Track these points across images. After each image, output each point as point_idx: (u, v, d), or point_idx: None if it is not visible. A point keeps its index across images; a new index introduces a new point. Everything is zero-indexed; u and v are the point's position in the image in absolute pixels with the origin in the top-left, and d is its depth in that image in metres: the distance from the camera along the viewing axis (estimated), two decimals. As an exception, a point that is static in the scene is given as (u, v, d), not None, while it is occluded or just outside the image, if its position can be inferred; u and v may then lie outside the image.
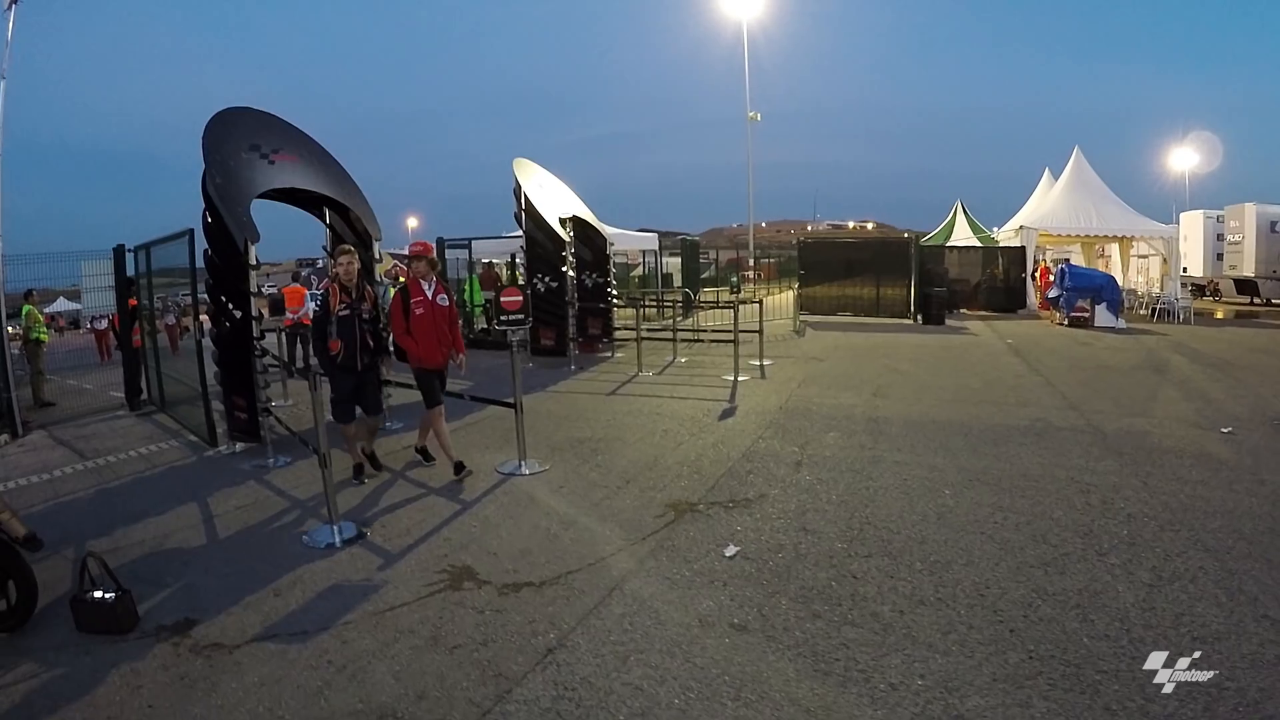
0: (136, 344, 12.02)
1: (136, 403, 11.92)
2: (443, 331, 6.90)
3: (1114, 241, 23.18)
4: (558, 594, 4.38)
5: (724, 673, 3.44)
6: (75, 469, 8.12)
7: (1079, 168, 21.86)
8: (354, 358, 6.70)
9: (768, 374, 11.58)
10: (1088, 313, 17.50)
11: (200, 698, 3.49)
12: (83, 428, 10.61)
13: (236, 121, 8.43)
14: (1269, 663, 3.34)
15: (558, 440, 7.98)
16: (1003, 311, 21.30)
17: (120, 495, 7.03)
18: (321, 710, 3.34)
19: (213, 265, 7.72)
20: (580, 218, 14.37)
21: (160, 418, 10.90)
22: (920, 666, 3.42)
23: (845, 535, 5.04)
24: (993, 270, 21.95)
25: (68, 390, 14.46)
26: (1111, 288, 17.63)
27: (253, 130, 8.44)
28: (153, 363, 11.66)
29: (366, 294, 6.84)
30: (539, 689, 3.40)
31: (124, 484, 7.44)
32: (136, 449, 8.93)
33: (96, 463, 8.37)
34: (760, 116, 36.55)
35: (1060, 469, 6.32)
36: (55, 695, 3.61)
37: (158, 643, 4.07)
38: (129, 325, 12.14)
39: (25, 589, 4.33)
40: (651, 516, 5.62)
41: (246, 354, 7.68)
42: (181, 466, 7.98)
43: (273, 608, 4.41)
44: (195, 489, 6.96)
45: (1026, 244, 21.08)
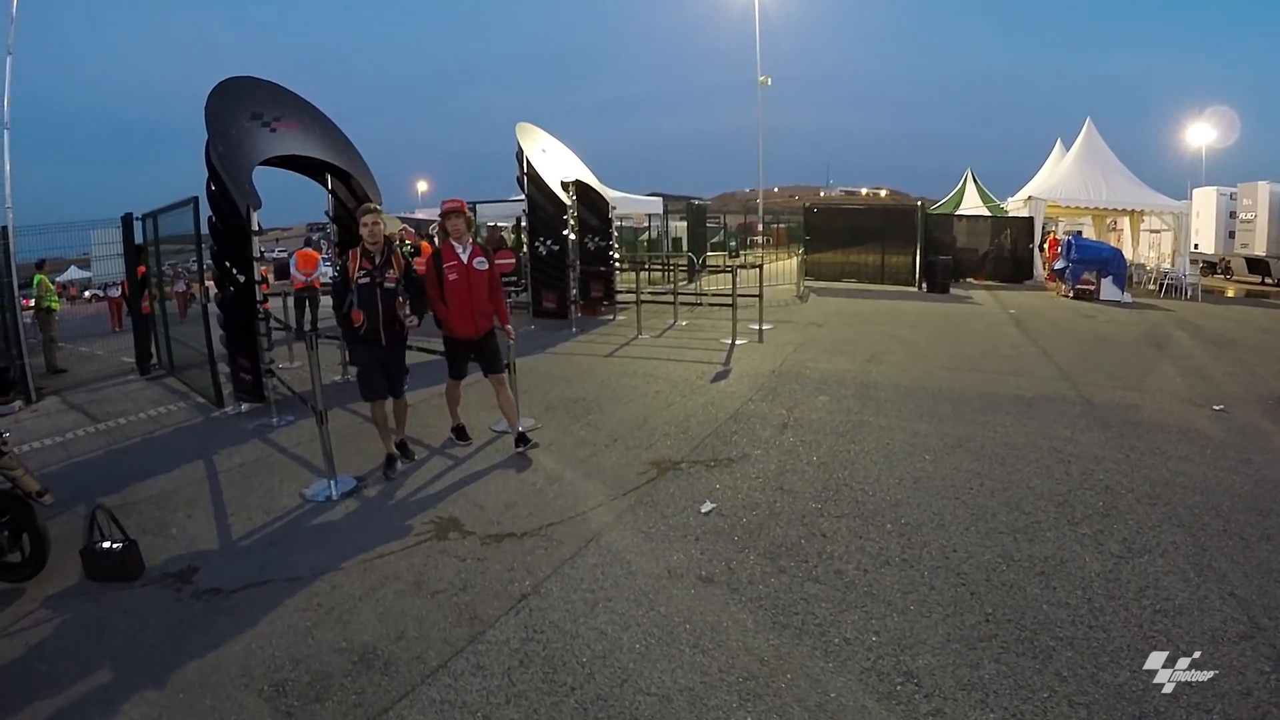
0: (146, 310, 12.26)
1: (147, 367, 12.15)
2: (479, 300, 6.30)
3: (1124, 215, 22.97)
4: (537, 544, 4.58)
5: (686, 621, 3.62)
6: (87, 431, 8.34)
7: (1090, 139, 21.63)
8: (377, 331, 5.96)
9: (766, 338, 11.67)
10: (1093, 285, 17.44)
11: (198, 637, 3.75)
12: (94, 392, 10.85)
13: (238, 91, 8.54)
14: (1229, 639, 3.36)
15: (552, 399, 8.15)
16: (1009, 282, 21.21)
17: (129, 455, 7.26)
18: (308, 648, 3.58)
19: (217, 231, 7.91)
20: (583, 181, 14.47)
21: (169, 381, 11.12)
22: (877, 624, 3.56)
23: (820, 496, 5.18)
24: (1000, 240, 21.85)
25: (80, 357, 14.77)
26: (1118, 261, 17.54)
27: (254, 99, 8.55)
28: (162, 328, 11.89)
29: (394, 260, 6.04)
30: (510, 631, 3.63)
31: (133, 444, 7.67)
32: (146, 411, 9.15)
33: (107, 425, 8.60)
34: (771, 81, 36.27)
35: (1044, 439, 6.39)
36: (65, 637, 3.87)
37: (161, 589, 4.33)
38: (138, 292, 12.36)
39: (38, 541, 4.57)
40: (634, 473, 5.79)
41: (250, 317, 7.87)
42: (188, 427, 8.20)
43: (269, 556, 4.65)
44: (201, 448, 7.18)
45: (1035, 215, 20.94)
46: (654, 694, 3.08)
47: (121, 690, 3.37)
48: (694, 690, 3.09)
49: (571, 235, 13.98)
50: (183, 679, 3.42)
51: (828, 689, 3.06)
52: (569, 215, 13.87)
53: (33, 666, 3.63)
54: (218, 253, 7.95)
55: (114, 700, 3.31)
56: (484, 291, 6.34)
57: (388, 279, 5.95)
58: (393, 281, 5.96)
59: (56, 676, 3.52)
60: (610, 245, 15.09)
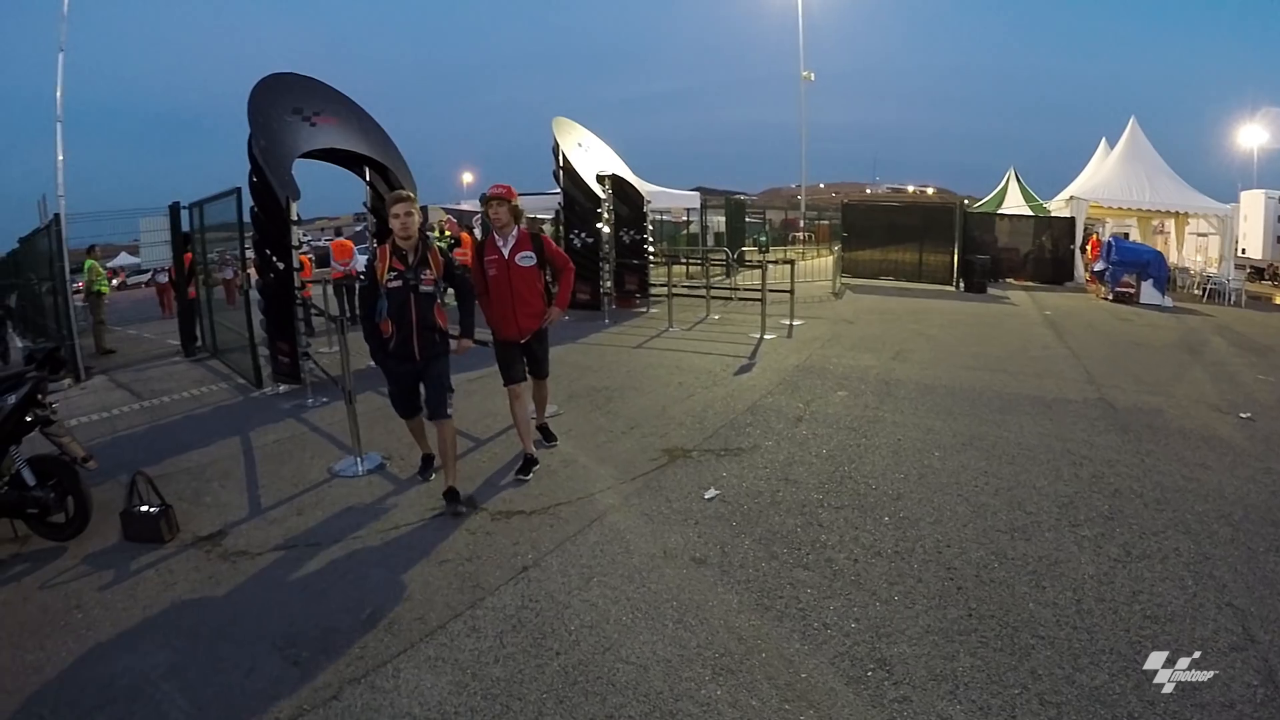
0: (191, 295, 12.76)
1: (191, 349, 12.68)
2: (523, 298, 5.59)
3: (1169, 217, 22.51)
4: (544, 522, 4.82)
5: (674, 599, 3.79)
6: (132, 408, 8.79)
7: (1134, 139, 21.21)
8: (408, 343, 5.09)
9: (795, 334, 11.73)
10: (1133, 288, 17.11)
11: (223, 592, 4.15)
12: (140, 372, 11.40)
13: (279, 86, 8.91)
14: (1219, 650, 3.31)
15: (576, 388, 8.34)
16: (1049, 283, 20.88)
17: (171, 430, 7.68)
18: (321, 606, 3.92)
19: (258, 221, 8.27)
20: (618, 176, 14.64)
21: (212, 363, 11.61)
22: (858, 611, 3.67)
23: (823, 488, 5.29)
24: (1041, 241, 21.56)
25: (127, 339, 15.49)
26: (1158, 264, 17.20)
27: (295, 94, 8.91)
28: (207, 312, 12.35)
29: (431, 259, 5.13)
30: (508, 599, 3.87)
31: (175, 421, 8.09)
32: (188, 390, 9.60)
33: (151, 402, 9.06)
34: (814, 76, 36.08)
35: (1058, 440, 6.38)
36: (103, 589, 4.26)
37: (192, 550, 4.70)
38: (185, 278, 12.86)
39: (81, 504, 4.98)
40: (646, 460, 5.97)
41: (289, 302, 8.22)
42: (228, 406, 8.62)
43: (294, 524, 5.00)
44: (239, 425, 7.58)
45: (1076, 215, 20.64)
46: (633, 663, 3.26)
47: (148, 636, 3.72)
48: (671, 662, 3.26)
49: (606, 228, 14.17)
50: (205, 629, 3.75)
51: (799, 670, 3.20)
52: (604, 209, 14.06)
53: (70, 614, 4.00)
54: (259, 241, 8.31)
55: (140, 644, 3.65)
56: (529, 289, 5.63)
57: (424, 280, 5.06)
58: (430, 284, 5.08)
59: (91, 623, 3.89)
60: (645, 239, 15.23)
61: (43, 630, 3.84)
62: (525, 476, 5.57)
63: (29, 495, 4.86)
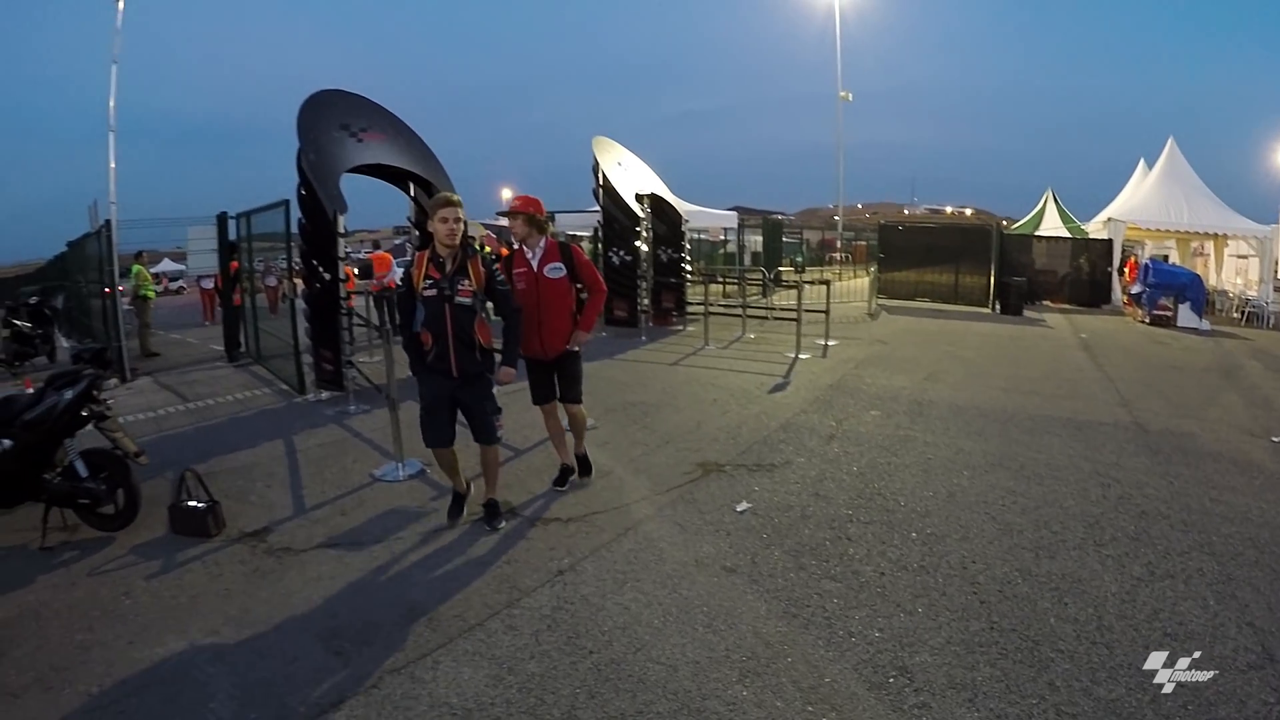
0: (237, 302, 13.14)
1: (235, 355, 13.06)
2: (549, 314, 5.30)
3: (1208, 239, 22.25)
4: (579, 529, 4.97)
5: (704, 604, 3.92)
6: (177, 409, 9.10)
7: (1172, 159, 21.06)
8: (445, 358, 4.75)
9: (829, 354, 11.81)
10: (1170, 311, 16.97)
11: (268, 585, 4.32)
12: (184, 375, 11.76)
13: (328, 103, 9.22)
14: (1239, 668, 3.35)
15: (613, 403, 8.50)
16: (1086, 306, 20.78)
17: (216, 431, 7.95)
18: (363, 601, 4.10)
19: (306, 232, 8.55)
20: (657, 194, 14.81)
21: (256, 369, 11.94)
22: (883, 621, 3.77)
23: (853, 503, 5.39)
24: (1079, 263, 21.43)
25: (171, 343, 15.89)
26: (1196, 286, 17.04)
27: (343, 111, 9.21)
28: (251, 319, 12.71)
29: (471, 269, 4.73)
30: (544, 600, 4.02)
31: (220, 422, 8.38)
32: (233, 394, 9.92)
33: (196, 404, 9.37)
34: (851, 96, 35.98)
35: (1087, 461, 6.41)
36: (151, 578, 4.47)
37: (238, 545, 4.90)
38: (230, 285, 13.25)
39: (131, 497, 5.19)
40: (680, 473, 6.10)
41: (334, 312, 8.48)
42: (272, 410, 8.89)
43: (337, 524, 5.20)
44: (282, 429, 7.82)
45: (1113, 237, 20.50)
46: (663, 663, 3.39)
47: (195, 623, 3.91)
48: (700, 663, 3.38)
49: (644, 247, 14.35)
50: (251, 618, 3.94)
51: (823, 674, 3.31)
52: (642, 227, 14.25)
53: (118, 600, 4.20)
54: (306, 252, 8.59)
55: (187, 630, 3.83)
56: (557, 304, 5.34)
57: (460, 291, 4.68)
58: (467, 295, 4.69)
59: (139, 609, 4.10)
60: (682, 257, 15.39)
61: (91, 614, 4.04)
62: (562, 487, 5.67)
63: (81, 486, 5.08)
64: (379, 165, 9.22)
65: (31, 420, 5.02)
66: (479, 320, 4.78)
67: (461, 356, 4.75)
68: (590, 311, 5.53)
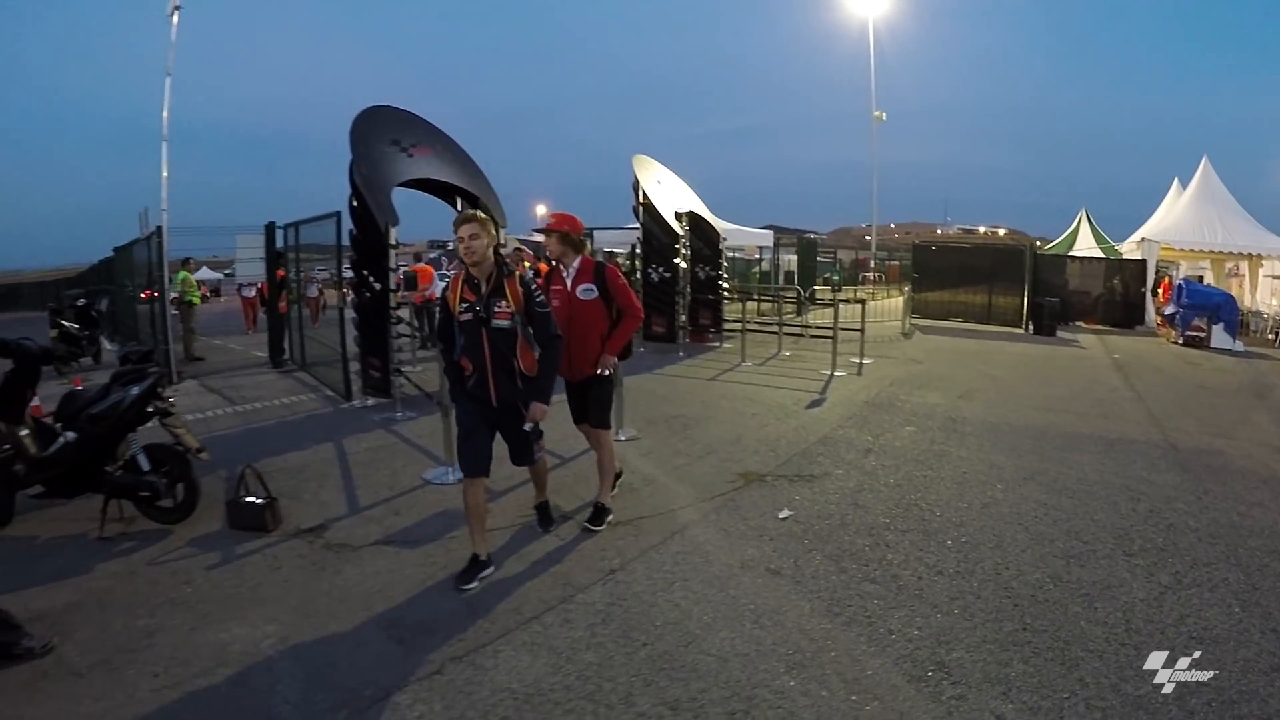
0: (282, 310, 13.53)
1: (279, 360, 13.41)
2: (579, 335, 5.15)
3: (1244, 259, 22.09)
4: (628, 532, 5.17)
5: (751, 603, 4.11)
6: (225, 411, 9.44)
7: (1206, 179, 21.00)
8: (484, 385, 4.49)
9: (864, 371, 11.94)
10: (1203, 332, 16.86)
11: (328, 578, 4.54)
12: (229, 379, 12.13)
13: (379, 118, 9.55)
14: (1261, 670, 3.49)
15: (654, 415, 8.71)
16: (1120, 326, 20.69)
17: (265, 433, 8.26)
18: (422, 594, 4.32)
19: (357, 244, 8.86)
20: (695, 213, 15.00)
21: (300, 375, 12.26)
22: (921, 621, 3.94)
23: (890, 513, 5.56)
24: (1112, 283, 21.40)
25: (213, 348, 16.23)
26: (1229, 307, 16.94)
27: (393, 126, 9.54)
28: (297, 326, 13.08)
29: (508, 289, 4.41)
30: (597, 596, 4.23)
31: (268, 425, 8.69)
32: (279, 399, 10.25)
33: (243, 407, 9.70)
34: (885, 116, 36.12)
35: (1118, 477, 6.52)
36: (210, 569, 4.70)
37: (295, 540, 5.13)
38: (276, 293, 13.64)
39: (191, 491, 5.43)
40: (723, 482, 6.30)
41: (384, 321, 8.77)
42: (319, 414, 9.19)
43: (392, 522, 5.42)
44: (331, 432, 8.10)
45: (1147, 257, 20.44)
46: (714, 655, 3.59)
47: (257, 611, 4.12)
48: (748, 656, 3.58)
49: (683, 264, 14.54)
50: (312, 608, 4.15)
51: (865, 668, 3.49)
52: (681, 244, 14.45)
53: (179, 588, 4.42)
54: (357, 262, 8.89)
55: (249, 618, 4.05)
56: (589, 327, 5.20)
57: (497, 314, 4.38)
58: (505, 317, 4.38)
59: (201, 597, 4.32)
60: (720, 275, 15.56)
61: (153, 600, 4.24)
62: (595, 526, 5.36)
63: (142, 479, 5.27)
64: (428, 180, 9.52)
65: (97, 414, 5.25)
66: (521, 344, 4.43)
67: (501, 385, 4.46)
68: (619, 335, 5.28)
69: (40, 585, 4.40)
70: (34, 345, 5.62)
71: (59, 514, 5.60)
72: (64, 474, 5.32)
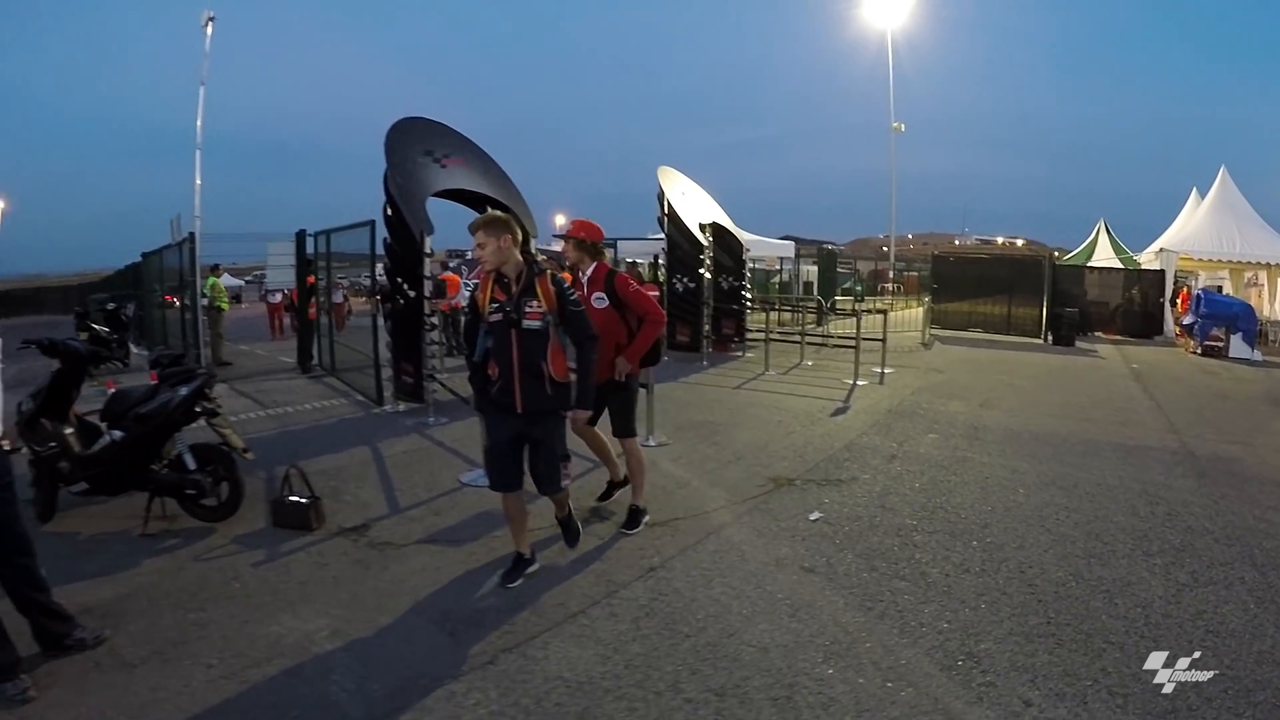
0: (312, 316, 13.80)
1: (308, 366, 13.67)
2: None
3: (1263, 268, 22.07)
4: (664, 532, 5.36)
5: (787, 598, 4.30)
6: (258, 415, 9.68)
7: (1224, 189, 21.01)
8: (509, 391, 4.26)
9: (886, 381, 12.12)
10: (1222, 342, 16.95)
11: (375, 575, 4.71)
12: (259, 384, 12.42)
13: (411, 129, 9.81)
14: (1276, 661, 3.66)
15: (682, 421, 8.91)
16: (1138, 337, 20.74)
17: (300, 436, 8.48)
18: (469, 589, 4.50)
19: (392, 252, 9.10)
20: (719, 224, 15.22)
21: (329, 380, 12.51)
22: (950, 615, 4.13)
23: (917, 515, 5.74)
24: (1131, 294, 21.44)
25: (239, 354, 16.53)
26: (1247, 317, 16.99)
27: (426, 137, 9.81)
28: (327, 332, 13.35)
29: (540, 288, 4.22)
30: (639, 592, 4.41)
31: (302, 428, 8.91)
32: (310, 403, 10.50)
33: (276, 411, 9.94)
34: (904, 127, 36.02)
35: (1137, 482, 6.67)
36: (257, 565, 4.87)
37: (339, 538, 5.30)
38: (306, 299, 13.93)
39: (236, 489, 5.61)
40: (753, 485, 6.49)
41: (418, 327, 9.00)
42: (352, 418, 9.43)
43: (433, 522, 5.61)
44: (365, 436, 8.31)
45: (1165, 267, 20.49)
46: (754, 646, 3.78)
47: (307, 605, 4.28)
48: (787, 646, 3.77)
49: (707, 274, 14.74)
50: (362, 602, 4.32)
51: (899, 657, 3.67)
52: (705, 255, 14.65)
53: (228, 583, 4.56)
54: (391, 269, 9.13)
55: (300, 611, 4.21)
56: (603, 333, 4.92)
57: (528, 314, 4.19)
58: (536, 318, 4.19)
59: (250, 592, 4.47)
60: (743, 285, 15.77)
61: (202, 595, 4.37)
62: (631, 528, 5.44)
63: (188, 477, 5.41)
64: (459, 190, 9.75)
65: (145, 414, 5.37)
66: (552, 346, 4.25)
67: (528, 390, 4.23)
68: (639, 341, 5.18)
69: (86, 580, 4.50)
70: (81, 346, 5.86)
71: (98, 511, 5.78)
72: (109, 471, 5.45)
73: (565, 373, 4.33)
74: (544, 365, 4.21)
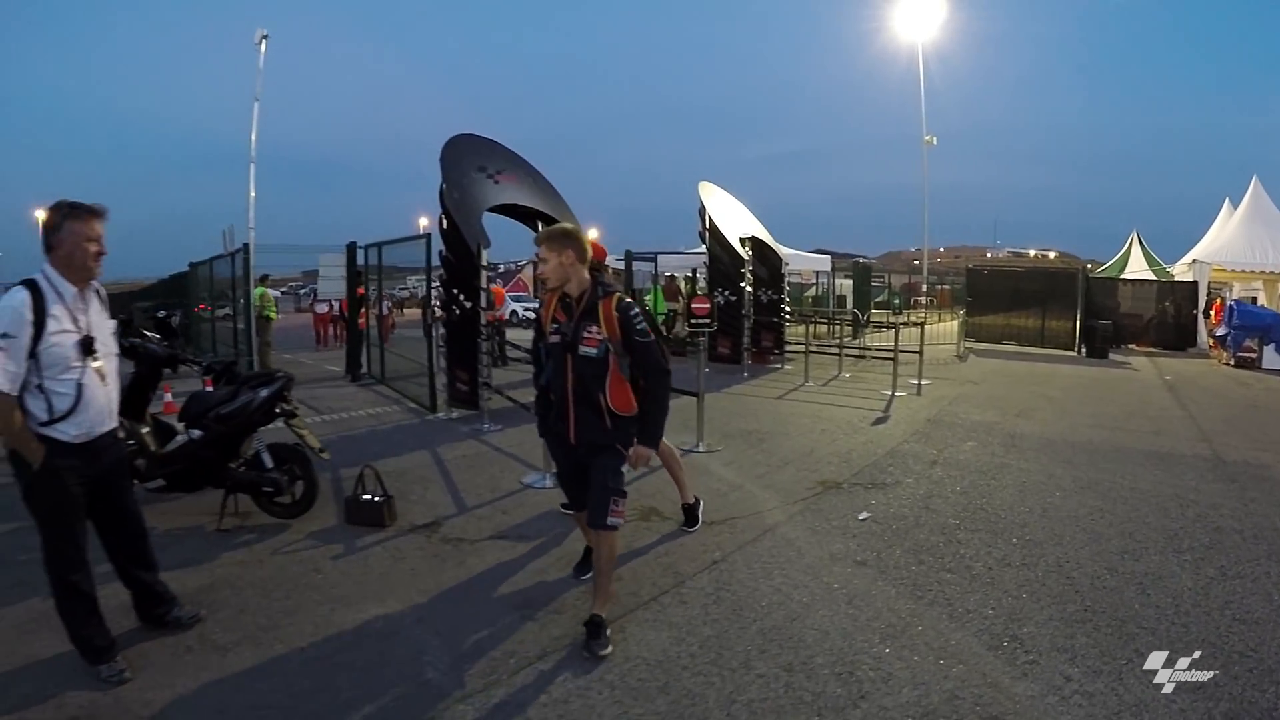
0: (361, 325, 14.30)
1: (357, 374, 14.13)
2: None
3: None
4: (723, 530, 5.71)
5: (843, 588, 4.66)
6: (314, 420, 9.98)
7: (1257, 199, 21.04)
8: (564, 419, 4.01)
9: (923, 392, 12.41)
10: (1255, 353, 17.02)
11: (451, 567, 5.03)
12: (310, 391, 12.82)
13: (464, 146, 10.27)
14: None
15: (729, 430, 9.27)
16: (1172, 349, 20.78)
17: (360, 440, 8.87)
18: (544, 579, 4.82)
19: (448, 264, 9.53)
20: (758, 238, 15.60)
21: (380, 388, 12.94)
22: (994, 602, 4.46)
23: (959, 515, 6.07)
24: (1164, 306, 21.51)
25: (286, 363, 16.80)
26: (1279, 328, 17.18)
27: (479, 153, 10.26)
28: (377, 341, 13.82)
29: (603, 311, 3.87)
30: (705, 582, 4.77)
31: (361, 433, 9.33)
32: (364, 409, 10.92)
33: (332, 417, 10.35)
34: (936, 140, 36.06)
35: (1169, 486, 6.94)
36: (336, 559, 5.15)
37: (413, 534, 5.62)
38: (356, 309, 14.42)
39: (311, 487, 5.91)
40: (803, 488, 6.85)
41: (473, 336, 9.41)
42: (407, 424, 9.83)
43: (501, 520, 5.95)
44: (423, 440, 8.71)
45: (1198, 279, 20.52)
46: (816, 629, 4.13)
47: (391, 595, 4.57)
48: (846, 630, 4.12)
49: (748, 288, 15.12)
50: (443, 592, 4.62)
51: (949, 639, 4.01)
52: (746, 269, 15.04)
53: (309, 575, 4.82)
54: (447, 281, 9.56)
55: (385, 600, 4.49)
56: None
57: (584, 340, 3.86)
58: (593, 344, 3.85)
59: (332, 583, 4.72)
60: (782, 299, 16.15)
61: (285, 585, 4.61)
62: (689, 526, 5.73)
63: (265, 475, 5.68)
64: (512, 204, 10.18)
65: (226, 414, 5.66)
66: (612, 376, 3.90)
67: (581, 420, 3.94)
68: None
69: (168, 571, 4.45)
70: (159, 350, 6.21)
71: (170, 508, 6.05)
72: (187, 469, 5.67)
73: (629, 405, 3.96)
74: (601, 396, 3.88)
